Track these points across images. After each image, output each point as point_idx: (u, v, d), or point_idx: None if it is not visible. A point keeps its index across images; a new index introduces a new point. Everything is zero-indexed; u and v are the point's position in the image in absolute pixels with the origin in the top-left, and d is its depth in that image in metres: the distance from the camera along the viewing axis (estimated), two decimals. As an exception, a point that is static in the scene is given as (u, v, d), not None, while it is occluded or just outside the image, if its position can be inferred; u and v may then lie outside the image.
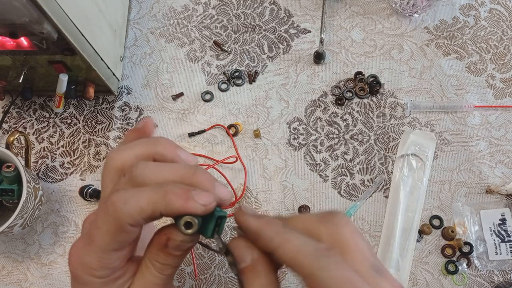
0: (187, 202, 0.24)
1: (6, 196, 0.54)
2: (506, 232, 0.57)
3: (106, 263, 0.27)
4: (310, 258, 0.24)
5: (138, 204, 0.25)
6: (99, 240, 0.26)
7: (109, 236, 0.25)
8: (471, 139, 0.62)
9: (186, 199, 0.24)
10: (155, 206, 0.25)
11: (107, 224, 0.25)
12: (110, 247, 0.26)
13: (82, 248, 0.27)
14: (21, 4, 0.43)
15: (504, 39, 0.66)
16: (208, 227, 0.26)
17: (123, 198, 0.25)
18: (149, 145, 0.29)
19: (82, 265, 0.27)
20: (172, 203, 0.24)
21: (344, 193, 0.60)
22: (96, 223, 0.26)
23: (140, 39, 0.69)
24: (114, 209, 0.25)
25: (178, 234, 0.26)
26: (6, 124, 0.66)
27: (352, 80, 0.65)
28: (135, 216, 0.25)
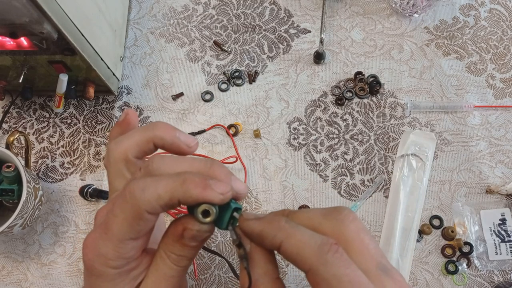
0: (205, 190, 0.24)
1: (6, 196, 0.54)
2: (506, 232, 0.57)
3: (122, 253, 0.26)
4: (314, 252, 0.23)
5: (156, 191, 0.25)
6: (116, 229, 0.26)
7: (126, 224, 0.25)
8: (471, 139, 0.62)
9: (204, 187, 0.24)
10: (173, 193, 0.25)
11: (125, 212, 0.25)
12: (127, 235, 0.26)
13: (98, 238, 0.26)
14: (21, 4, 0.43)
15: (504, 39, 0.66)
16: (224, 218, 0.26)
17: (141, 186, 0.25)
18: (147, 131, 0.29)
19: (98, 256, 0.26)
20: (190, 191, 0.24)
21: (344, 193, 0.60)
22: (113, 212, 0.26)
23: (140, 39, 0.69)
24: (132, 196, 0.25)
25: (194, 224, 0.26)
26: (6, 124, 0.66)
27: (352, 80, 0.65)
28: (153, 203, 0.25)
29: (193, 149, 0.30)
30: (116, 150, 0.29)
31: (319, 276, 0.23)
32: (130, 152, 0.29)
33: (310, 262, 0.24)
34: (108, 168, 0.30)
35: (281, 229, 0.25)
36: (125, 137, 0.29)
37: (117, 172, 0.29)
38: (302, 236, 0.24)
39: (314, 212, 0.27)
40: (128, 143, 0.29)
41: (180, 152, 0.29)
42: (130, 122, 0.32)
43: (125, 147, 0.29)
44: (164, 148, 0.29)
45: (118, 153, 0.29)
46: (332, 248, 0.24)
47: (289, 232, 0.25)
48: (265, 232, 0.26)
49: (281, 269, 0.57)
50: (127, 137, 0.29)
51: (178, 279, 0.28)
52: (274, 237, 0.25)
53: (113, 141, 0.30)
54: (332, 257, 0.23)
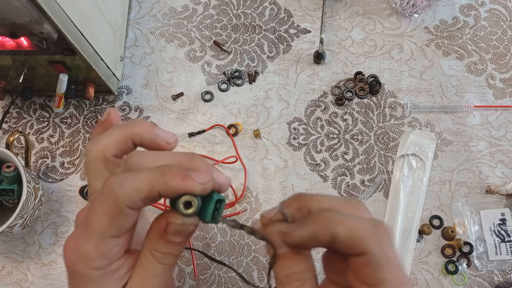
0: (185, 180, 0.24)
1: (6, 196, 0.54)
2: (506, 232, 0.57)
3: (104, 251, 0.25)
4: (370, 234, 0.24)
5: (135, 183, 0.24)
6: (97, 225, 0.25)
7: (106, 220, 0.25)
8: (471, 139, 0.62)
9: (184, 177, 0.24)
10: (153, 185, 0.24)
11: (104, 207, 0.25)
12: (108, 232, 0.25)
13: (79, 237, 0.26)
14: (21, 4, 0.43)
15: (504, 39, 0.66)
16: (207, 210, 0.25)
17: (120, 180, 0.24)
18: (125, 128, 0.28)
19: (80, 256, 0.26)
20: (170, 181, 0.24)
21: (344, 193, 0.60)
22: (92, 208, 0.25)
23: (140, 39, 0.69)
24: (111, 190, 0.24)
25: (177, 217, 0.25)
26: (6, 124, 0.66)
27: (352, 80, 0.65)
28: (132, 196, 0.24)
29: (172, 145, 0.29)
30: (94, 149, 0.28)
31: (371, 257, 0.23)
32: (109, 151, 0.28)
33: (366, 243, 0.24)
34: (87, 168, 0.29)
35: (331, 220, 0.24)
36: (103, 136, 0.29)
37: (96, 171, 0.28)
38: (352, 221, 0.24)
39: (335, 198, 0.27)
40: (106, 142, 0.28)
41: (159, 149, 0.29)
42: (112, 122, 0.31)
43: (103, 146, 0.28)
44: (143, 145, 0.29)
45: (96, 151, 0.28)
46: (385, 228, 0.24)
47: (339, 221, 0.24)
48: (317, 231, 0.25)
49: (281, 269, 0.57)
50: (105, 135, 0.29)
51: (164, 278, 0.27)
52: (326, 232, 0.24)
53: (91, 141, 0.29)
54: (386, 238, 0.24)
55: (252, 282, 0.27)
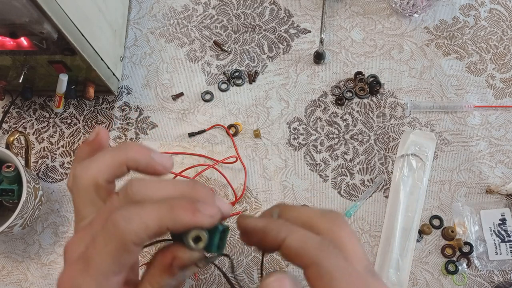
0: (195, 215, 0.23)
1: (6, 196, 0.54)
2: (506, 232, 0.57)
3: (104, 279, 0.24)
4: (317, 246, 0.25)
5: (142, 220, 0.23)
6: (99, 263, 0.24)
7: (110, 258, 0.23)
8: (471, 139, 0.62)
9: (194, 212, 0.23)
10: (162, 221, 0.23)
11: (108, 245, 0.23)
12: (110, 269, 0.24)
13: (78, 275, 0.24)
14: (21, 4, 0.43)
15: (504, 39, 0.66)
16: (213, 241, 0.25)
17: (126, 215, 0.23)
18: (119, 152, 0.27)
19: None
20: (180, 217, 0.23)
21: (344, 193, 0.60)
22: (94, 245, 0.24)
23: (140, 39, 0.69)
24: (117, 228, 0.23)
25: (185, 251, 0.24)
26: (6, 124, 0.66)
27: (352, 80, 0.65)
28: (140, 233, 0.23)
29: (168, 169, 0.28)
30: (85, 176, 0.26)
31: (323, 269, 0.24)
32: (101, 177, 0.26)
33: (313, 255, 0.24)
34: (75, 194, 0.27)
35: (284, 225, 0.26)
36: (95, 160, 0.27)
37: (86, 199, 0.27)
38: (303, 232, 0.25)
39: (312, 210, 0.28)
40: (98, 167, 0.26)
41: (156, 173, 0.27)
42: (101, 143, 0.29)
43: (95, 172, 0.26)
44: (138, 170, 0.27)
45: (87, 179, 0.26)
46: (331, 244, 0.25)
47: (291, 229, 0.26)
48: (269, 227, 0.26)
49: (281, 269, 0.57)
50: (97, 160, 0.27)
51: None
52: (278, 232, 0.26)
53: (80, 165, 0.27)
54: (333, 251, 0.25)
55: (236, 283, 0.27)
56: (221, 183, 0.61)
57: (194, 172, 0.61)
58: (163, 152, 0.63)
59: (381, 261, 0.57)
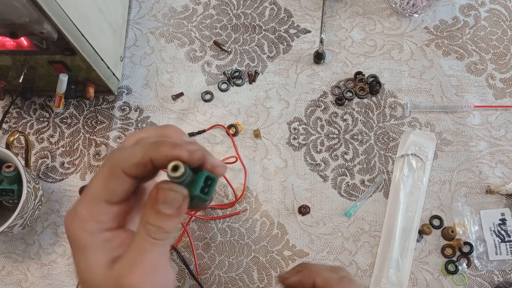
0: (174, 148, 0.26)
1: (6, 196, 0.54)
2: (506, 232, 0.57)
3: (95, 213, 0.27)
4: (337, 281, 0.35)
5: (132, 151, 0.27)
6: (93, 187, 0.27)
7: (102, 181, 0.27)
8: (471, 139, 0.62)
9: (174, 146, 0.26)
10: (146, 151, 0.26)
11: (102, 170, 0.27)
12: (101, 194, 0.27)
13: (77, 202, 0.28)
14: (21, 4, 0.43)
15: (504, 39, 0.66)
16: (197, 184, 0.27)
17: (121, 148, 0.27)
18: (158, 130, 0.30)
19: (74, 217, 0.28)
20: (160, 148, 0.26)
21: (344, 193, 0.60)
22: (95, 175, 0.28)
23: (140, 39, 0.69)
24: (111, 155, 0.27)
25: (166, 182, 0.27)
26: (6, 124, 0.66)
27: (352, 80, 0.65)
28: (127, 159, 0.26)
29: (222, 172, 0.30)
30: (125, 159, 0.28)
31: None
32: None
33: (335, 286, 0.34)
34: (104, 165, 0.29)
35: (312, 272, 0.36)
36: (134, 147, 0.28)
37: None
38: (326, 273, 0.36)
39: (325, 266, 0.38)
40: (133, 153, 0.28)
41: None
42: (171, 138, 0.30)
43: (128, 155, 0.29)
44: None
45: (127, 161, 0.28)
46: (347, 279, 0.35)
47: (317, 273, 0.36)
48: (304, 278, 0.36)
49: (281, 269, 0.57)
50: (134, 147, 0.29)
51: (155, 256, 0.27)
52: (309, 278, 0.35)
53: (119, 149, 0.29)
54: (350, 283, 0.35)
55: None
56: (221, 183, 0.61)
57: (194, 172, 0.61)
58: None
59: (381, 261, 0.57)
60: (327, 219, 0.59)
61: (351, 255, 0.58)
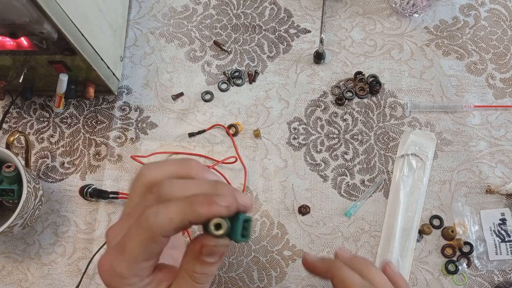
0: (211, 206, 0.27)
1: (6, 196, 0.54)
2: (506, 232, 0.57)
3: (136, 272, 0.29)
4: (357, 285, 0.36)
5: (168, 215, 0.27)
6: (132, 251, 0.28)
7: (141, 247, 0.28)
8: (471, 139, 0.62)
9: (210, 204, 0.27)
10: (184, 215, 0.27)
11: (140, 236, 0.27)
12: (141, 257, 0.28)
13: (114, 259, 0.29)
14: (21, 4, 0.43)
15: (504, 39, 0.66)
16: (236, 230, 0.28)
17: (155, 212, 0.27)
18: (182, 167, 0.31)
19: (114, 275, 0.29)
20: (198, 210, 0.27)
21: (344, 193, 0.60)
22: (129, 236, 0.28)
23: (140, 39, 0.69)
24: (147, 222, 0.27)
25: (210, 239, 0.28)
26: (6, 124, 0.66)
27: (352, 80, 0.65)
28: (166, 226, 0.27)
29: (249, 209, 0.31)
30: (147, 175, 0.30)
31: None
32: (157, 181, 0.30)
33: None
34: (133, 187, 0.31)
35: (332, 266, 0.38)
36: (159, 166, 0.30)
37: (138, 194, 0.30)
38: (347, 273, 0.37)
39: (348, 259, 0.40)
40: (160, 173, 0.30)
41: None
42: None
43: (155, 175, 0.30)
44: None
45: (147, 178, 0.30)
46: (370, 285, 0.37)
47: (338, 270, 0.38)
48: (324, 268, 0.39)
49: (281, 269, 0.57)
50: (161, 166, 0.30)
51: None
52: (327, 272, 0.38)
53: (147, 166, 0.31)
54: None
55: None
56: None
57: (194, 172, 0.61)
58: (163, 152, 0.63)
59: (381, 261, 0.57)
60: (327, 219, 0.59)
61: (351, 255, 0.58)
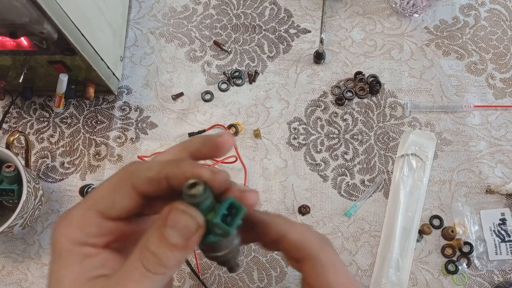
0: (195, 166, 0.22)
1: (6, 196, 0.54)
2: (506, 232, 0.57)
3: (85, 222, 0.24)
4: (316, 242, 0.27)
5: (148, 165, 0.23)
6: (94, 195, 0.24)
7: (105, 190, 0.24)
8: (471, 139, 0.62)
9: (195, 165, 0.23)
10: (162, 167, 0.23)
11: (110, 179, 0.24)
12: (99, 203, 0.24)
13: (73, 206, 0.25)
14: (21, 4, 0.43)
15: (504, 39, 0.66)
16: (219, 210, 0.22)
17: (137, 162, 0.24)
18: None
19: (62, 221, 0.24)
20: (180, 165, 0.23)
21: (344, 193, 0.60)
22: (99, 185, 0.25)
23: (140, 39, 0.69)
24: (125, 168, 0.24)
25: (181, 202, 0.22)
26: (6, 124, 0.66)
27: (352, 80, 0.65)
28: (140, 172, 0.23)
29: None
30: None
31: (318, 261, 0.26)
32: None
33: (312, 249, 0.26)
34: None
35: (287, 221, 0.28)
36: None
37: None
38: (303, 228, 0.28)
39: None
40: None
41: None
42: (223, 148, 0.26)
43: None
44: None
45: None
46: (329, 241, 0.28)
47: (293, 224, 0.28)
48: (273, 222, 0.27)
49: (281, 269, 0.57)
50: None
51: None
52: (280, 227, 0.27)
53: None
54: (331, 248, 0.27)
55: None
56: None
57: (194, 172, 0.61)
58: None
59: (381, 261, 0.57)
60: (327, 219, 0.59)
61: (351, 255, 0.58)
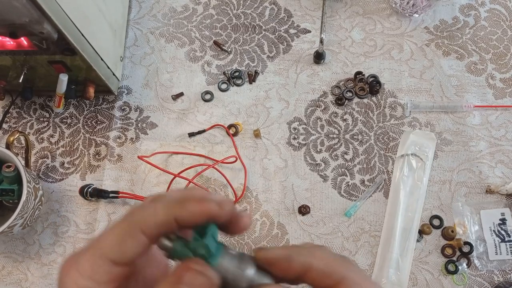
0: (201, 203, 0.23)
1: (6, 196, 0.54)
2: (506, 232, 0.57)
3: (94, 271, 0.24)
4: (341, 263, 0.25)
5: (154, 209, 0.24)
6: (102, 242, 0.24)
7: (115, 239, 0.24)
8: (471, 139, 0.62)
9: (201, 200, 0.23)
10: (170, 209, 0.23)
11: (118, 226, 0.24)
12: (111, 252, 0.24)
13: (81, 251, 0.25)
14: (21, 4, 0.43)
15: (504, 39, 0.66)
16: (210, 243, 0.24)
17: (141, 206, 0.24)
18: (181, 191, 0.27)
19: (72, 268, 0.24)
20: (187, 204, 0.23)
21: (344, 193, 0.60)
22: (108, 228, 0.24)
23: (140, 39, 0.69)
24: (131, 213, 0.24)
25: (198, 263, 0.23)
26: (6, 124, 0.66)
27: (352, 80, 0.65)
28: (148, 219, 0.23)
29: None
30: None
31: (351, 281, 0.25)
32: None
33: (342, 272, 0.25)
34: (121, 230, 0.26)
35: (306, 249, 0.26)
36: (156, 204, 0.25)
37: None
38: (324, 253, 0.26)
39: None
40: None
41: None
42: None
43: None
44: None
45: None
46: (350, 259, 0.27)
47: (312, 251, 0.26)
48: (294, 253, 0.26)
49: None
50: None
51: None
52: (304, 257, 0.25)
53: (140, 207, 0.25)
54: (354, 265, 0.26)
55: None
56: (221, 183, 0.61)
57: (194, 172, 0.61)
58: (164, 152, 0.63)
59: (381, 261, 0.57)
60: (327, 219, 0.59)
61: (351, 255, 0.58)
